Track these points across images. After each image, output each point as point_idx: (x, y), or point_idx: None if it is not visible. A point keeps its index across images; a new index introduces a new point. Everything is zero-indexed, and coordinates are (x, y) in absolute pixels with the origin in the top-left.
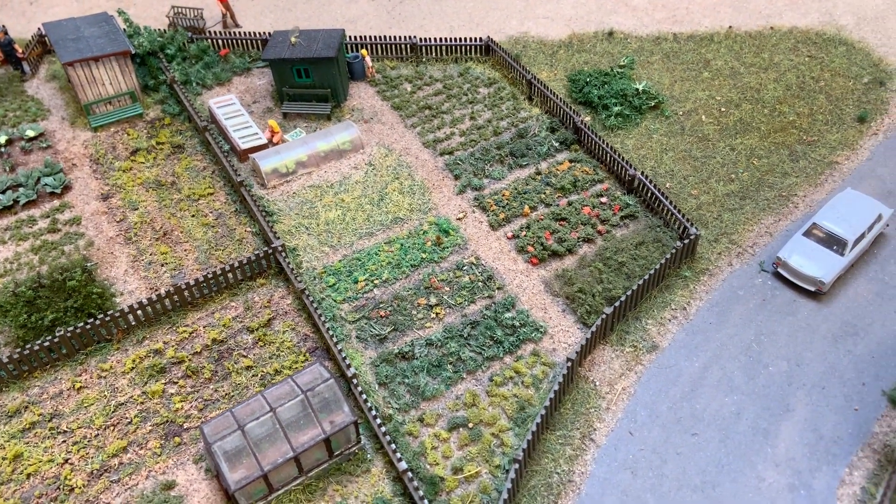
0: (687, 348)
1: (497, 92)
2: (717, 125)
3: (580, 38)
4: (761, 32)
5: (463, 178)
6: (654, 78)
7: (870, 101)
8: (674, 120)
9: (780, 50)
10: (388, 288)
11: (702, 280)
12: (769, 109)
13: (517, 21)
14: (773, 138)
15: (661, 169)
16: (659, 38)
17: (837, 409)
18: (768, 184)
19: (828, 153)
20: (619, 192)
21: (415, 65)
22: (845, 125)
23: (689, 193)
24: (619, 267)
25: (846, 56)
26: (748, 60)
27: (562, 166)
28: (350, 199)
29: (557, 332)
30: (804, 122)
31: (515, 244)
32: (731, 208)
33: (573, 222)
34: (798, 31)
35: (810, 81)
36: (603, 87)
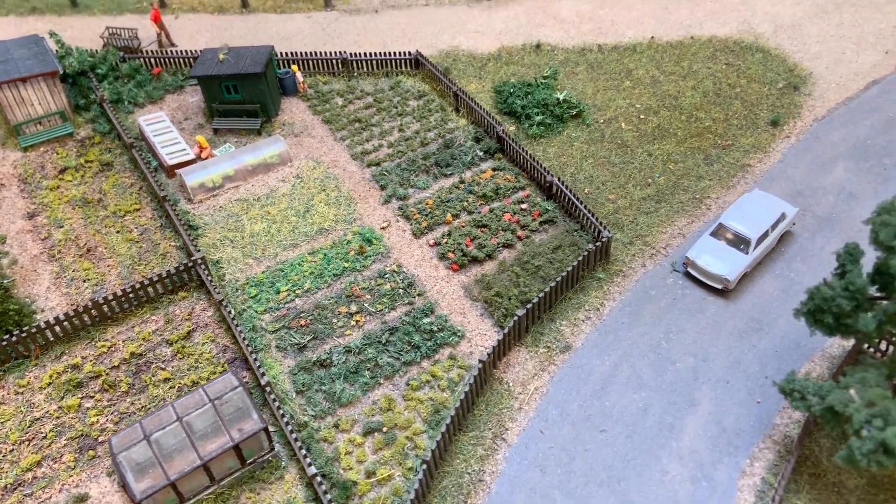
0: (599, 347)
1: (426, 104)
2: (637, 132)
3: (509, 50)
4: (682, 42)
5: (389, 189)
6: (579, 88)
7: (783, 105)
8: (595, 128)
9: (699, 58)
10: (309, 297)
11: (616, 281)
12: (686, 116)
13: (449, 35)
14: (690, 143)
15: (581, 175)
16: (584, 49)
17: (741, 403)
18: (683, 187)
19: (741, 156)
20: (540, 198)
21: (347, 79)
22: (759, 129)
23: (607, 198)
24: (535, 270)
25: (762, 63)
26: (668, 69)
27: (485, 175)
28: (276, 211)
29: (475, 336)
30: (720, 127)
31: (437, 251)
32: (646, 211)
33: (494, 228)
34: (717, 40)
35: (727, 88)
36: (526, 97)
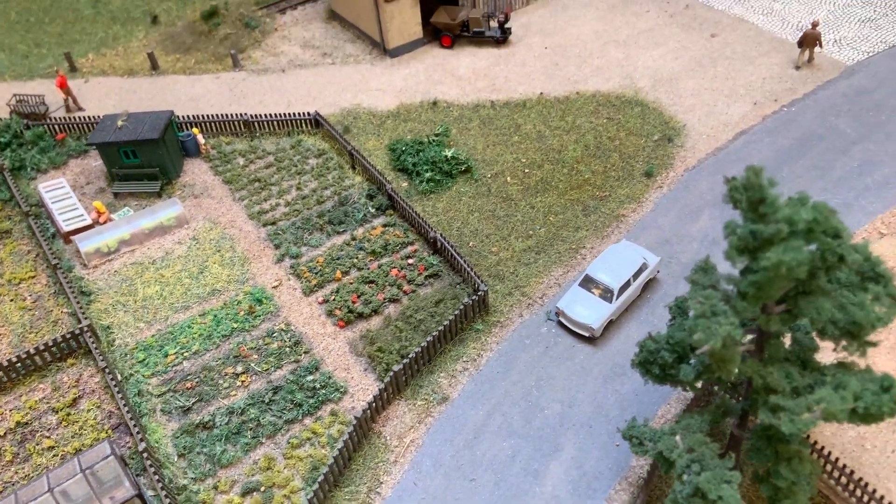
0: (474, 397)
1: (325, 162)
2: (521, 185)
3: (407, 107)
4: (568, 97)
5: (283, 248)
6: (470, 143)
7: (658, 157)
8: (482, 182)
9: (582, 113)
10: (197, 359)
11: (494, 332)
12: (568, 169)
13: (352, 94)
14: (570, 195)
15: (467, 229)
16: (478, 105)
17: (601, 447)
18: (562, 237)
19: (616, 207)
20: (427, 253)
21: (249, 139)
22: (634, 180)
23: (490, 251)
24: (417, 324)
25: (641, 116)
26: (554, 124)
27: (375, 231)
28: (170, 273)
29: (358, 391)
30: (598, 179)
31: (325, 308)
32: (526, 262)
33: (381, 284)
34: (601, 95)
35: (607, 141)
36: (417, 154)
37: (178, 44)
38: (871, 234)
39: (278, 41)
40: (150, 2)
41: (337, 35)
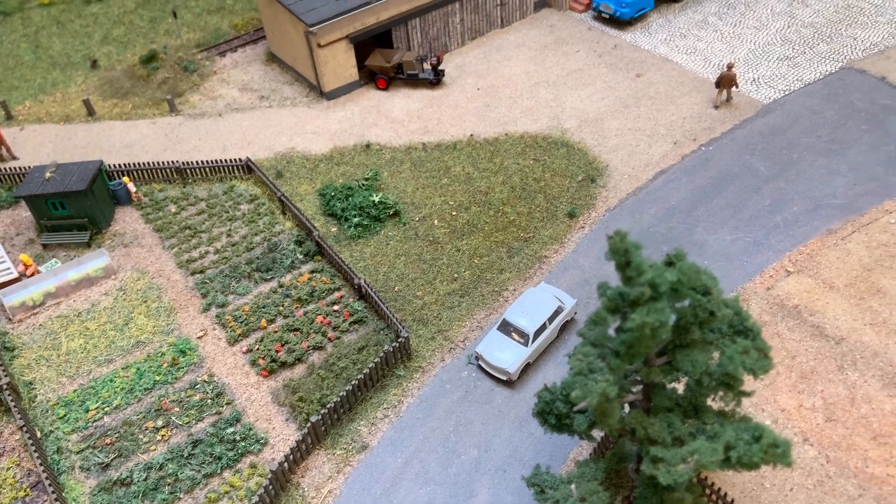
0: (394, 445)
1: (257, 208)
2: (448, 228)
3: (341, 151)
4: (497, 139)
5: (210, 297)
6: (401, 186)
7: (581, 197)
8: (410, 226)
9: (510, 154)
10: (118, 414)
11: (415, 377)
12: (494, 211)
13: (287, 137)
14: (495, 237)
15: (394, 273)
16: (410, 147)
17: (514, 491)
18: (486, 280)
19: (539, 248)
20: (353, 298)
21: (182, 186)
22: (558, 221)
23: (416, 295)
24: (340, 372)
25: (566, 157)
26: (483, 165)
27: (302, 278)
28: (95, 326)
29: (279, 442)
30: (523, 221)
31: (249, 358)
32: (450, 306)
33: (306, 332)
34: (528, 136)
35: (532, 182)
36: (346, 199)
37: (117, 88)
38: (778, 272)
39: (217, 84)
40: (90, 46)
41: (276, 77)
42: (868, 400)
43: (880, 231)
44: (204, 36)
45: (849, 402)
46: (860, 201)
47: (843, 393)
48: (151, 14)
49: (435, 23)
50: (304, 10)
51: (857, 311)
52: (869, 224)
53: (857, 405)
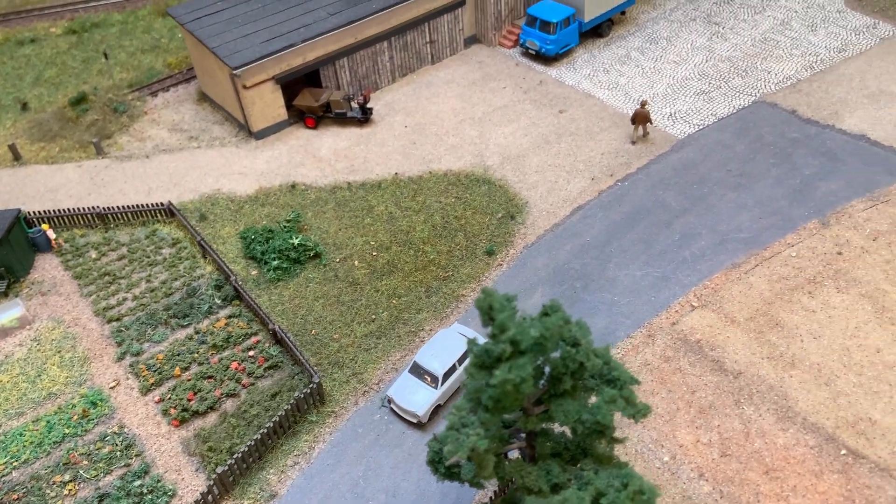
0: (303, 492)
1: (178, 252)
2: (368, 269)
3: (267, 191)
4: (421, 177)
5: (125, 345)
6: (324, 227)
7: (500, 234)
8: (330, 267)
9: (433, 193)
10: (26, 469)
11: (328, 422)
12: (415, 250)
13: (213, 179)
14: (415, 277)
15: (312, 316)
16: (335, 187)
17: None
18: (403, 320)
19: (457, 287)
20: (269, 343)
21: (104, 231)
22: (476, 259)
23: (332, 338)
24: (252, 420)
25: (487, 194)
26: (405, 204)
27: (219, 323)
28: (7, 378)
29: (187, 493)
30: (443, 260)
31: (161, 407)
32: (366, 348)
33: (219, 379)
34: (452, 174)
35: (453, 221)
36: (267, 242)
37: (45, 131)
38: (683, 307)
39: (147, 125)
40: (21, 88)
41: (206, 117)
42: (762, 434)
43: (781, 265)
44: (137, 75)
45: (743, 437)
46: (764, 235)
47: (738, 427)
48: (84, 55)
49: (364, 61)
50: (228, 52)
51: (756, 345)
52: (771, 258)
53: (751, 439)
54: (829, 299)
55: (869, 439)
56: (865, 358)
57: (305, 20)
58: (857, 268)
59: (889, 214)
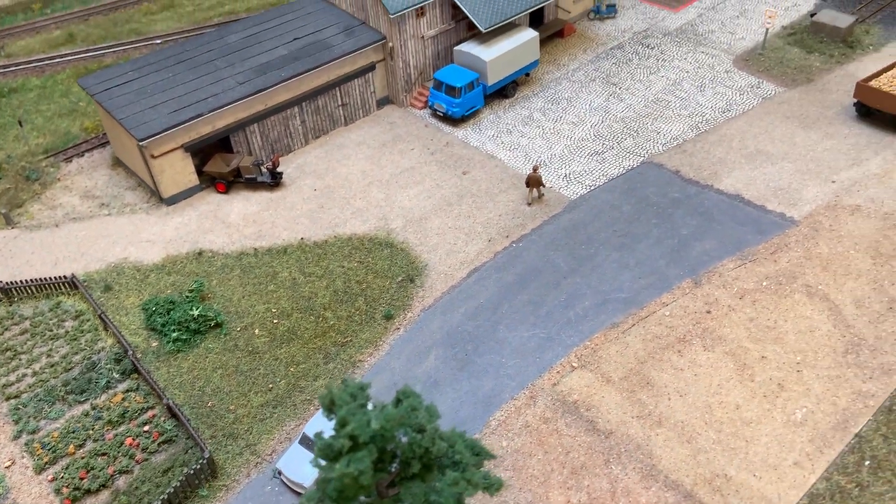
0: None
1: (80, 325)
2: (269, 336)
3: (174, 259)
4: (327, 241)
5: (21, 423)
6: (228, 294)
7: (399, 298)
8: (231, 336)
9: (337, 257)
10: None
11: (219, 496)
12: (315, 316)
13: (121, 247)
14: (314, 344)
15: (209, 388)
16: (242, 253)
17: None
18: (300, 388)
19: (356, 352)
20: (164, 418)
21: (8, 305)
22: (376, 323)
23: (228, 409)
24: (142, 497)
25: (389, 258)
26: (309, 270)
27: (116, 398)
28: None
29: None
30: (342, 325)
31: (54, 486)
32: (262, 418)
33: (113, 455)
34: (356, 238)
35: (355, 285)
36: (168, 314)
37: None
38: (565, 368)
39: (59, 192)
40: None
41: (119, 183)
42: (627, 493)
43: (655, 324)
44: (53, 140)
45: (609, 497)
46: (642, 295)
47: (605, 487)
48: (1, 121)
49: (275, 126)
50: (136, 123)
51: (628, 405)
52: (647, 317)
53: (616, 499)
54: (696, 357)
55: (724, 496)
56: (725, 415)
57: (214, 89)
58: (723, 326)
59: (756, 273)
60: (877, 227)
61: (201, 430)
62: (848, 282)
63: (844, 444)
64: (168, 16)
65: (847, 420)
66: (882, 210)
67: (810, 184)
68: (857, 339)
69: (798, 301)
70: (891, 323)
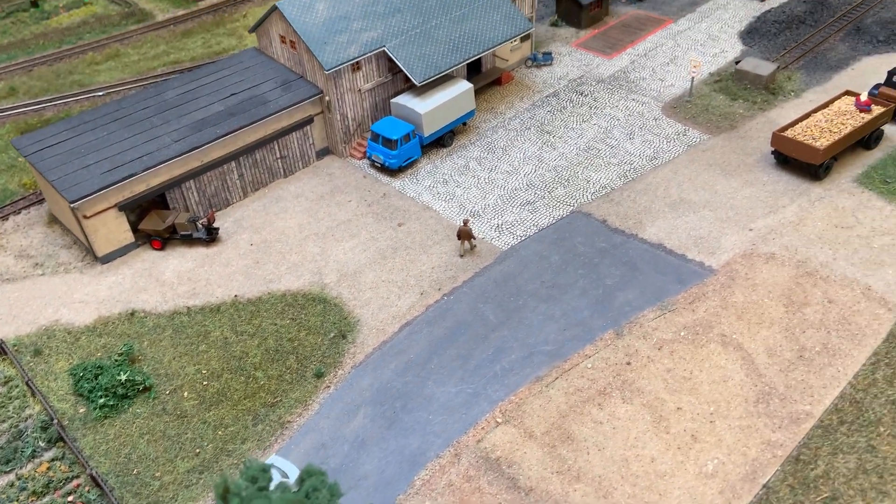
0: None
1: (9, 391)
2: (198, 399)
3: (105, 321)
4: (260, 298)
5: None
6: (158, 356)
7: (331, 355)
8: (160, 400)
9: (270, 315)
10: None
11: None
12: (245, 376)
13: (53, 308)
14: (243, 405)
15: (136, 454)
16: (175, 313)
17: None
18: (227, 451)
19: (284, 413)
20: (89, 487)
21: None
22: (306, 382)
23: (154, 476)
24: None
25: (322, 314)
26: (241, 328)
27: (42, 468)
28: None
29: None
30: (273, 385)
31: None
32: (187, 485)
33: None
34: (290, 294)
35: (287, 343)
36: (95, 379)
37: None
38: (489, 423)
39: None
40: None
41: (55, 241)
42: None
43: (578, 376)
44: None
45: None
46: (566, 347)
47: None
48: None
49: (212, 181)
50: (68, 185)
51: (549, 460)
52: (570, 370)
53: None
54: (615, 410)
55: None
56: (641, 468)
57: (149, 147)
58: (641, 377)
59: (674, 323)
60: (790, 275)
61: (126, 498)
62: (761, 330)
63: (752, 496)
64: (112, 66)
65: (756, 471)
66: (795, 258)
67: (729, 232)
68: (767, 388)
69: (713, 351)
70: (800, 371)
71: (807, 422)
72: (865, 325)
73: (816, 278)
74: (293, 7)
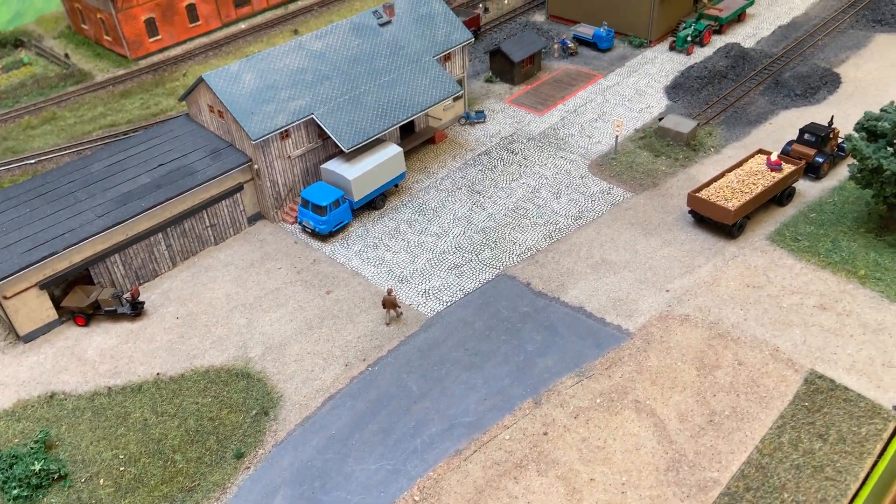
0: None
1: None
2: (114, 486)
3: (24, 404)
4: (183, 375)
5: None
6: (76, 441)
7: (252, 434)
8: (75, 489)
9: (191, 393)
10: None
11: None
12: (164, 460)
13: None
14: (160, 490)
15: None
16: (95, 394)
17: None
18: None
19: (202, 497)
20: None
21: None
22: (225, 464)
23: None
24: None
25: (245, 390)
26: (162, 409)
27: None
28: None
29: None
30: (191, 468)
31: None
32: None
33: None
34: (213, 370)
35: (207, 423)
36: (10, 468)
37: None
38: (407, 502)
39: None
40: None
41: None
42: None
43: (496, 448)
44: None
45: None
46: (485, 418)
47: None
48: None
49: (139, 254)
50: None
51: None
52: (489, 442)
53: None
54: (530, 484)
55: None
56: None
57: (72, 224)
58: (557, 448)
59: (591, 389)
60: (703, 338)
61: None
62: (674, 395)
63: None
64: (48, 129)
65: None
66: (708, 319)
67: (646, 293)
68: (678, 455)
69: (627, 418)
70: (710, 437)
71: (714, 489)
72: (773, 387)
73: (728, 340)
74: (219, 78)
